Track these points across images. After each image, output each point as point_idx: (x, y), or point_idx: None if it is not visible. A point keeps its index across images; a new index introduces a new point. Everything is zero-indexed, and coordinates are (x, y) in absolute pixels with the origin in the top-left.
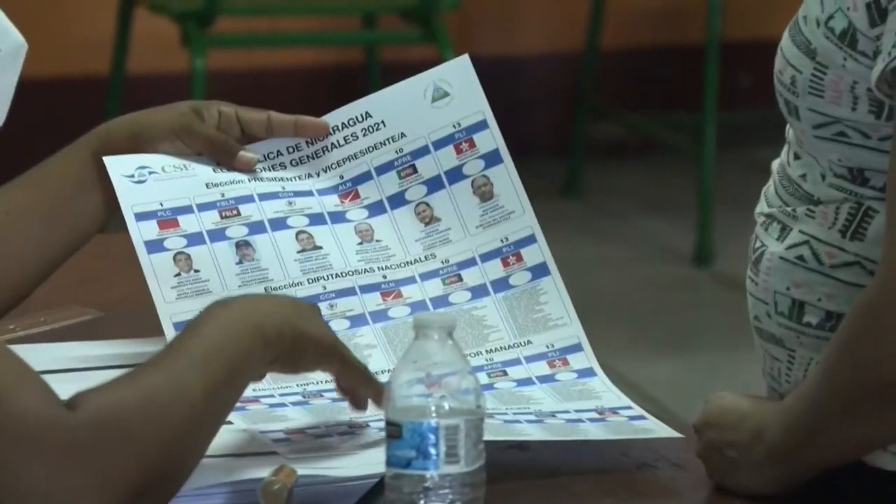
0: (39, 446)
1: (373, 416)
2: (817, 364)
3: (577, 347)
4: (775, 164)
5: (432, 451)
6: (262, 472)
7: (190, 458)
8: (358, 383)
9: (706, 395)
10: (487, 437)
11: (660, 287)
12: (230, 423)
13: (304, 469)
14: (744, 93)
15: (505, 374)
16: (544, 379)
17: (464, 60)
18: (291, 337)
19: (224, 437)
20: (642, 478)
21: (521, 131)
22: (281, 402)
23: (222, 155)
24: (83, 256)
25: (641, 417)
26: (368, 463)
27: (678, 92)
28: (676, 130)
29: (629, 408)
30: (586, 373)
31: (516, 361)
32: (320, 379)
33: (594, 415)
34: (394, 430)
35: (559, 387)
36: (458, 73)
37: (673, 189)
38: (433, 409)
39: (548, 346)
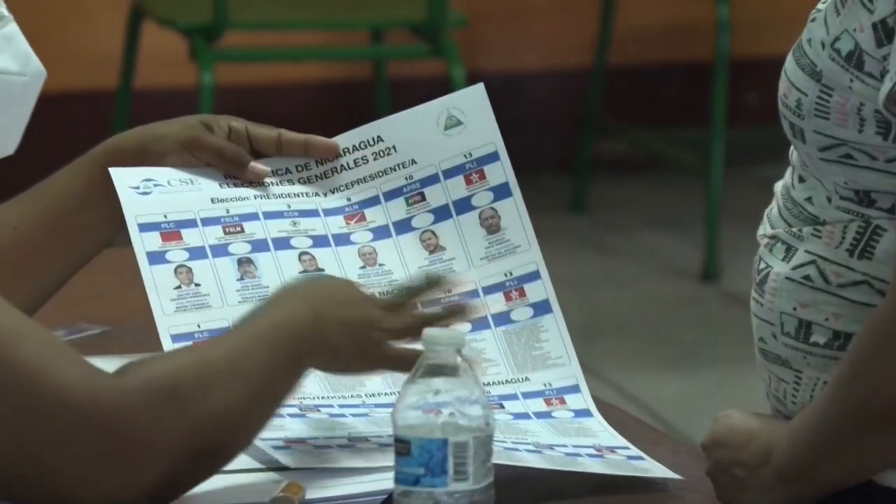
0: (86, 416)
1: (372, 432)
2: (827, 384)
3: (574, 388)
4: (778, 187)
5: (441, 468)
6: (270, 488)
7: (243, 434)
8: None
9: (713, 412)
10: None
11: (667, 304)
12: None
13: (312, 486)
14: (751, 110)
15: (502, 406)
16: (541, 415)
17: (478, 89)
18: (340, 333)
19: None
20: (650, 497)
21: (528, 147)
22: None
23: (232, 165)
24: (92, 272)
25: (639, 458)
26: (377, 480)
27: (686, 109)
28: (684, 147)
29: (627, 448)
30: (583, 413)
31: (513, 396)
32: (316, 395)
33: (592, 451)
34: (402, 447)
35: (556, 423)
36: (472, 102)
37: (680, 206)
38: (442, 426)
39: (545, 385)
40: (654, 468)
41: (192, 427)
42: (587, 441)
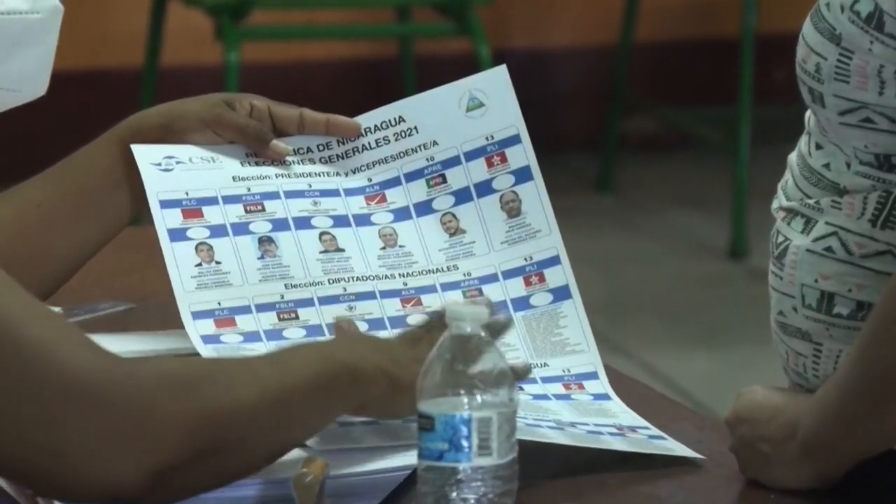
0: (95, 395)
1: None
2: (848, 353)
3: (593, 375)
4: (792, 157)
5: (465, 443)
6: (294, 464)
7: (253, 441)
8: None
9: (739, 389)
10: None
11: (693, 282)
12: None
13: (335, 462)
14: (779, 87)
15: (521, 389)
16: (560, 397)
17: (501, 71)
18: (386, 384)
19: None
20: (675, 472)
21: (555, 125)
22: None
23: (255, 142)
24: (116, 250)
25: (661, 437)
26: (400, 455)
27: (712, 86)
28: (710, 125)
29: (647, 428)
30: (602, 397)
31: (532, 380)
32: None
33: (613, 430)
34: (426, 423)
35: (575, 404)
36: (495, 84)
37: (707, 183)
38: (466, 401)
39: (564, 371)
40: (675, 447)
41: (200, 416)
42: (608, 420)
